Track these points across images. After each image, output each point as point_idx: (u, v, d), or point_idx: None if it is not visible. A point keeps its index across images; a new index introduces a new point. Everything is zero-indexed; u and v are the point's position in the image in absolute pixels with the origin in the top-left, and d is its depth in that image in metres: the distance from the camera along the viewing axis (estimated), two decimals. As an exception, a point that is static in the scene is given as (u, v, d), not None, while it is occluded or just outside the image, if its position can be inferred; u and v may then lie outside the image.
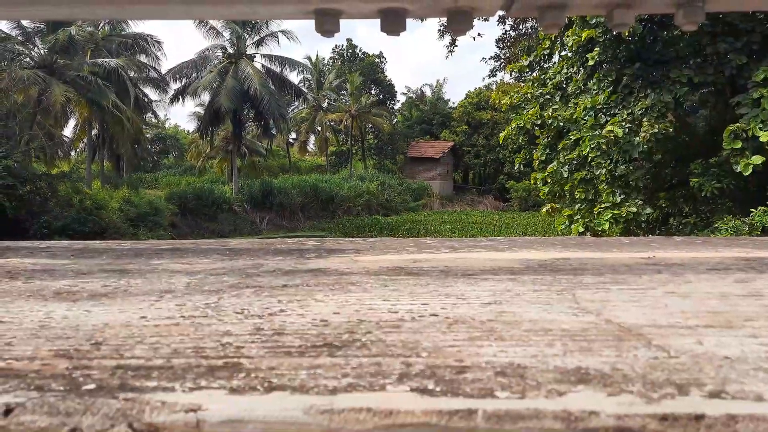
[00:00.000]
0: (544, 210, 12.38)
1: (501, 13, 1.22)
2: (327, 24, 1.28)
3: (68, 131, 33.91)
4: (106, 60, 30.13)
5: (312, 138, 54.20)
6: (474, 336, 0.67)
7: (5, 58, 26.32)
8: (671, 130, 9.48)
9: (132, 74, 32.67)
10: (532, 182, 12.69)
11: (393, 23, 1.28)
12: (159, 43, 34.64)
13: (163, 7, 1.05)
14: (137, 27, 34.79)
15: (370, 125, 51.14)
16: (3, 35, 27.77)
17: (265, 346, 0.64)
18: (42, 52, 28.27)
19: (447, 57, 29.90)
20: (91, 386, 0.52)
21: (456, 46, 22.57)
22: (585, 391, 0.50)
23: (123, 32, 33.89)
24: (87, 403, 0.48)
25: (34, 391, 0.51)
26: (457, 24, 1.23)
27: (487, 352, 0.61)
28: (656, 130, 9.29)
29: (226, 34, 34.81)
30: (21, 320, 0.78)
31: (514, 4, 1.21)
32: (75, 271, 1.22)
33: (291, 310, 0.83)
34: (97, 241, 1.78)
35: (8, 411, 0.47)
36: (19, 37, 28.35)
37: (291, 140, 53.50)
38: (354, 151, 52.12)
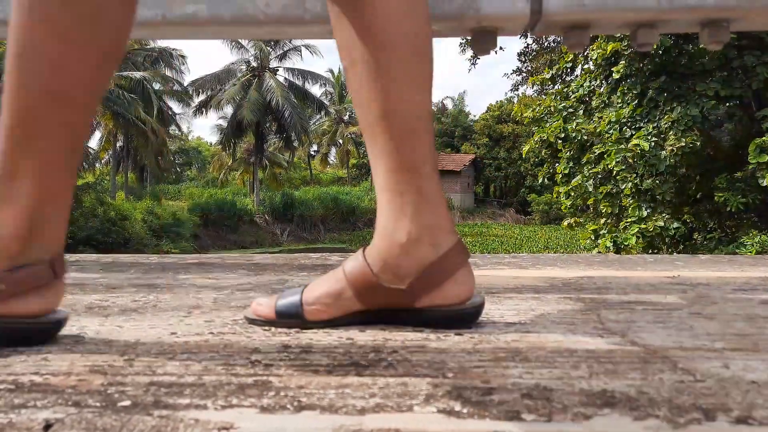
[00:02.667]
0: (564, 223, 12.25)
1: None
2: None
3: (93, 143, 34.44)
4: (132, 72, 30.59)
5: (333, 150, 54.40)
6: (499, 357, 0.68)
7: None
8: (698, 143, 9.37)
9: (157, 86, 33.13)
10: (555, 196, 12.57)
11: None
12: (183, 57, 35.15)
13: (195, 28, 1.08)
14: (163, 42, 35.40)
15: (391, 138, 51.12)
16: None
17: (293, 365, 0.65)
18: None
19: (469, 70, 29.95)
20: (127, 403, 0.54)
21: (478, 59, 22.64)
22: (611, 415, 0.50)
23: (148, 46, 34.41)
24: (123, 419, 0.50)
25: (72, 407, 0.53)
26: (481, 44, 1.25)
27: (513, 373, 0.62)
28: (683, 144, 9.19)
29: (251, 50, 35.19)
30: (56, 335, 0.80)
31: (538, 25, 1.22)
32: (105, 285, 1.24)
33: (317, 328, 0.84)
34: (125, 255, 1.81)
35: (48, 426, 0.49)
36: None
37: (312, 152, 53.79)
38: (375, 164, 52.08)
